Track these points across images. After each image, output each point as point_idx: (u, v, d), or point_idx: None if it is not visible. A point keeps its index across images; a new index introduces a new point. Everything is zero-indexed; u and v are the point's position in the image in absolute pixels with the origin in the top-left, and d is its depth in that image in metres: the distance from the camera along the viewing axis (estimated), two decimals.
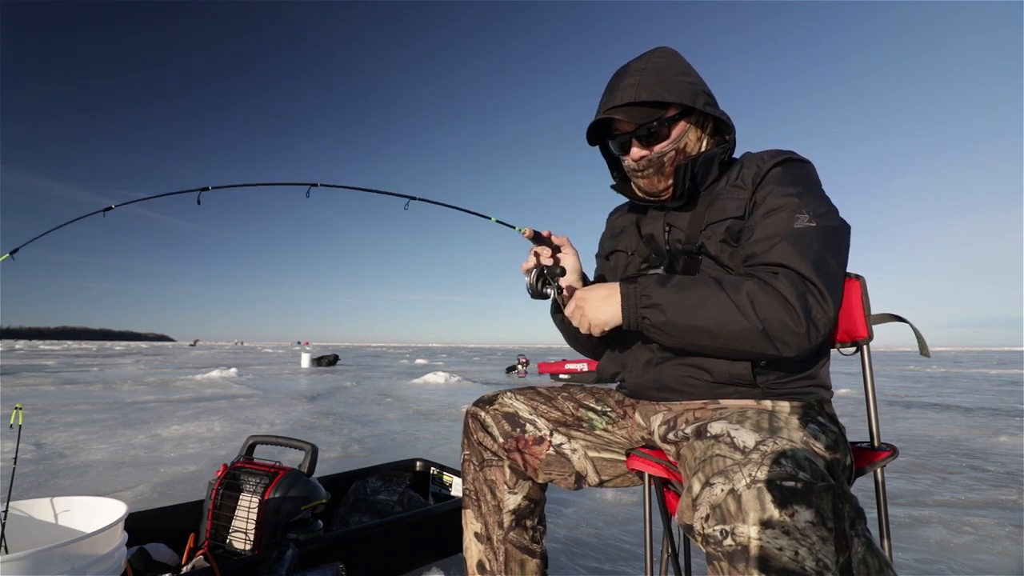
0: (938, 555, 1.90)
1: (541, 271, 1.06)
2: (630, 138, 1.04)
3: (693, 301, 0.88)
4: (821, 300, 0.85)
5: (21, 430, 1.27)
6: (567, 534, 2.09)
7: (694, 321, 0.88)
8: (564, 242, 1.13)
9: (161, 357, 23.27)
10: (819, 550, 0.61)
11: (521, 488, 1.09)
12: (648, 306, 0.91)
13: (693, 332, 0.89)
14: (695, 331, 0.89)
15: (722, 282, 0.89)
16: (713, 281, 0.90)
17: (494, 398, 1.13)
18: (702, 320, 0.87)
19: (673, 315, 0.89)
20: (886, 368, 16.73)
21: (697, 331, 0.88)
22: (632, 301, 0.93)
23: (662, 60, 1.02)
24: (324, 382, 9.86)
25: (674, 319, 0.89)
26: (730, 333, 0.86)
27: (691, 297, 0.89)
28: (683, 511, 0.74)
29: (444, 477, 2.12)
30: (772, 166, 0.98)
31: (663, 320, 0.90)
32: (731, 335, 0.86)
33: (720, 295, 0.87)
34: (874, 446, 1.02)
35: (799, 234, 0.89)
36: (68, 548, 0.99)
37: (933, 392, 8.56)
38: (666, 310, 0.90)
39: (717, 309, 0.86)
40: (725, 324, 0.86)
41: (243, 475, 1.60)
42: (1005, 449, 3.85)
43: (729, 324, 0.86)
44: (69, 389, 7.85)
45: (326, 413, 5.54)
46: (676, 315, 0.89)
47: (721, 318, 0.86)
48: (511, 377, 12.11)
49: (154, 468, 3.10)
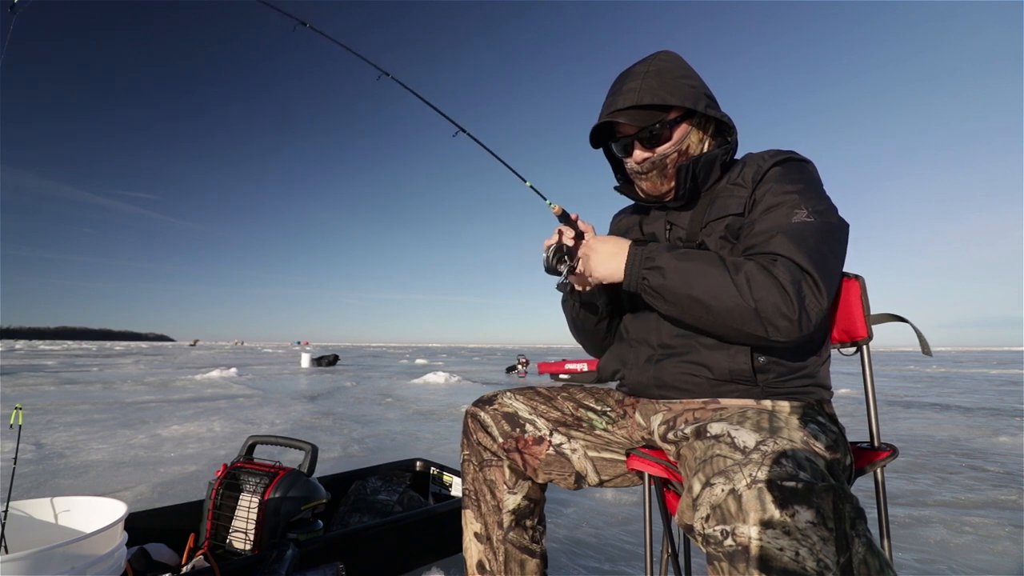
0: (938, 555, 1.90)
1: (560, 248, 1.07)
2: (633, 140, 1.05)
3: (694, 271, 0.90)
4: (815, 290, 0.86)
5: (21, 430, 1.27)
6: (567, 534, 2.09)
7: (691, 291, 0.89)
8: (589, 229, 1.12)
9: (161, 357, 23.27)
10: (820, 550, 0.61)
11: (521, 488, 1.09)
12: (651, 268, 0.93)
13: (689, 301, 0.90)
14: (691, 300, 0.90)
15: (725, 260, 0.90)
16: (717, 257, 0.91)
17: (494, 398, 1.13)
18: (699, 291, 0.88)
19: (672, 280, 0.90)
20: (886, 368, 16.74)
21: (693, 300, 0.89)
22: (637, 261, 0.95)
23: (664, 63, 1.03)
24: (324, 382, 9.86)
25: (672, 285, 0.90)
26: (724, 308, 0.87)
27: (693, 267, 0.90)
28: (683, 511, 0.74)
29: (444, 477, 2.12)
30: (772, 165, 0.99)
31: (661, 283, 0.91)
32: (724, 310, 0.87)
33: (721, 270, 0.88)
34: (874, 446, 1.02)
35: (797, 228, 0.90)
36: (68, 548, 0.99)
37: (933, 392, 8.56)
38: (667, 274, 0.91)
39: (715, 283, 0.87)
40: (720, 298, 0.87)
41: (243, 475, 1.60)
42: (1005, 449, 3.85)
43: (724, 299, 0.87)
44: (69, 389, 7.85)
45: (326, 413, 5.54)
46: (675, 281, 0.90)
47: (718, 291, 0.87)
48: (511, 377, 12.11)
49: (154, 468, 3.10)
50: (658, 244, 0.97)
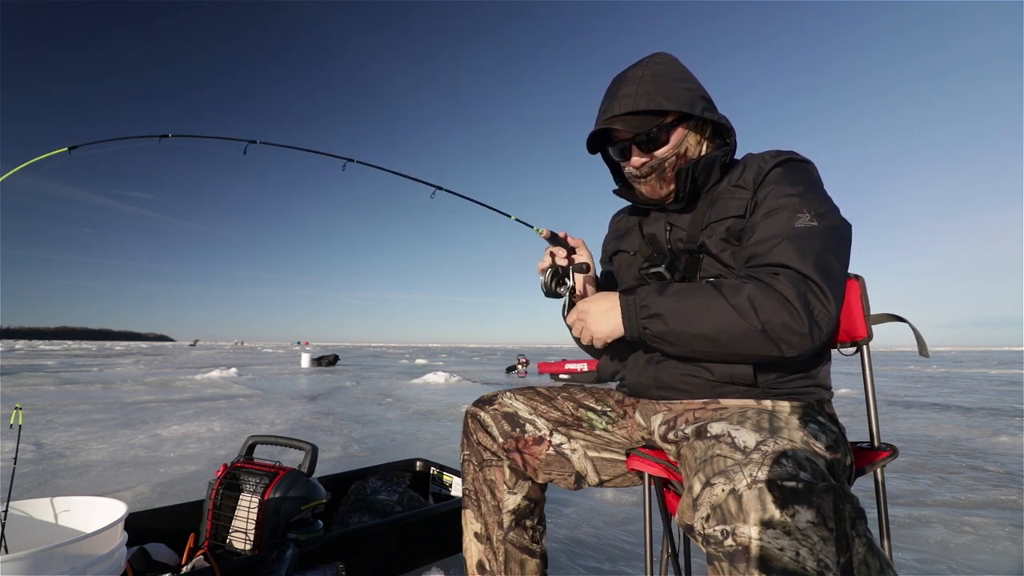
0: (938, 555, 1.90)
1: (556, 271, 1.08)
2: (630, 145, 1.04)
3: (694, 308, 0.88)
4: (823, 299, 0.85)
5: (21, 430, 1.27)
6: (567, 534, 2.09)
7: (696, 329, 0.88)
8: (579, 244, 1.15)
9: (161, 357, 23.26)
10: (820, 550, 0.61)
11: (521, 488, 1.09)
12: (649, 316, 0.91)
13: (696, 340, 0.89)
14: (698, 339, 0.89)
15: (721, 288, 0.89)
16: (712, 287, 0.90)
17: (494, 398, 1.13)
18: (704, 327, 0.87)
19: (675, 324, 0.89)
20: (886, 368, 16.73)
21: (700, 339, 0.88)
22: (633, 312, 0.93)
23: (659, 67, 1.02)
24: (324, 382, 9.86)
25: (676, 328, 0.89)
26: (732, 338, 0.86)
27: (691, 305, 0.89)
28: (683, 511, 0.74)
29: (444, 477, 2.12)
30: (773, 166, 0.98)
31: (665, 330, 0.90)
32: (733, 340, 0.86)
33: (720, 301, 0.87)
34: (874, 446, 1.02)
35: (800, 233, 0.89)
36: (68, 548, 0.99)
37: (933, 392, 8.56)
38: (667, 320, 0.90)
39: (718, 315, 0.86)
40: (727, 330, 0.86)
41: (243, 475, 1.60)
42: (1005, 449, 3.85)
43: (731, 329, 0.86)
44: (69, 389, 7.85)
45: (326, 413, 5.54)
46: (678, 324, 0.89)
47: (723, 324, 0.86)
48: (511, 377, 12.10)
49: (154, 468, 3.10)
50: (648, 287, 0.95)
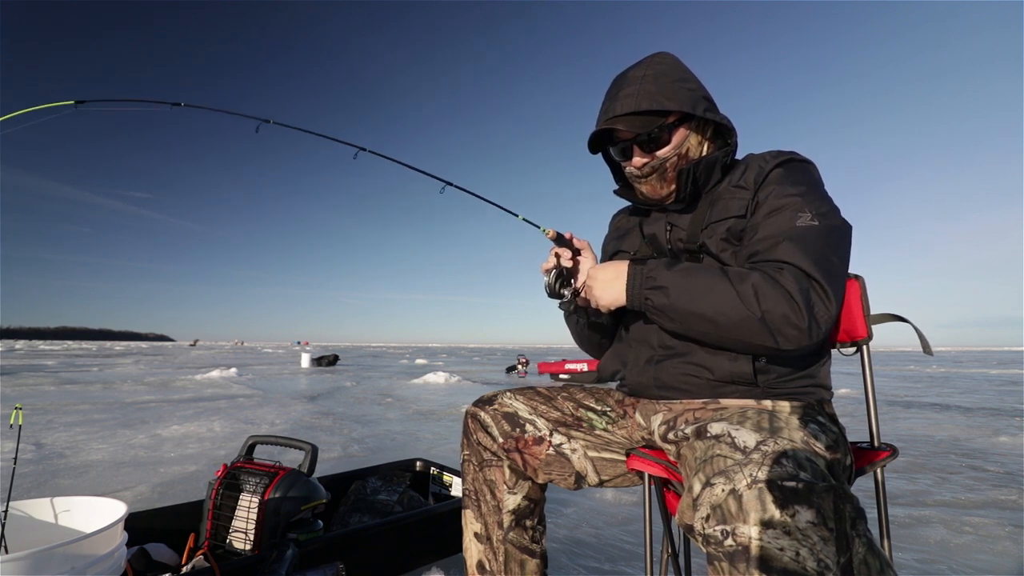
0: (938, 555, 1.90)
1: (560, 272, 1.08)
2: (631, 145, 1.04)
3: (698, 287, 0.89)
4: (824, 297, 0.86)
5: (21, 430, 1.27)
6: (567, 534, 2.09)
7: (696, 307, 0.88)
8: (585, 246, 1.15)
9: (161, 357, 23.26)
10: (820, 550, 0.61)
11: (521, 488, 1.09)
12: (653, 287, 0.92)
13: (695, 319, 0.89)
14: (697, 318, 0.89)
15: (728, 272, 0.89)
16: (720, 271, 0.90)
17: (494, 398, 1.13)
18: (704, 307, 0.88)
19: (676, 299, 0.90)
20: (886, 368, 16.74)
21: (699, 318, 0.89)
22: (637, 281, 0.94)
23: (661, 67, 1.02)
24: (324, 382, 9.86)
25: (677, 303, 0.90)
26: (731, 322, 0.86)
27: (697, 283, 0.89)
28: (683, 511, 0.74)
29: (444, 477, 2.12)
30: (774, 166, 0.98)
31: (666, 303, 0.91)
32: (732, 324, 0.86)
33: (725, 284, 0.87)
34: (874, 446, 1.02)
35: (802, 233, 0.89)
36: (68, 548, 0.99)
37: (933, 392, 8.56)
38: (670, 293, 0.90)
39: (720, 298, 0.87)
40: (727, 313, 0.86)
41: (243, 475, 1.60)
42: (1005, 449, 3.85)
43: (731, 313, 0.86)
44: (69, 389, 7.85)
45: (326, 413, 5.54)
46: (679, 299, 0.90)
47: (723, 307, 0.86)
48: (511, 377, 12.11)
49: (154, 468, 3.10)
50: (658, 260, 0.96)
